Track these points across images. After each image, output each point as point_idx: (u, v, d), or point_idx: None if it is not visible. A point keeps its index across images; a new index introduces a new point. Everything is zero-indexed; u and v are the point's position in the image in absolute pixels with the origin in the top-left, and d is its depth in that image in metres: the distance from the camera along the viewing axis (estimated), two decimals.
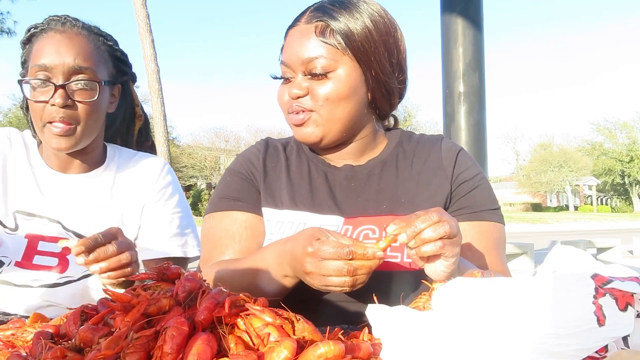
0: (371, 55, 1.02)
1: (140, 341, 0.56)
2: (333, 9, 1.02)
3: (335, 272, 0.77)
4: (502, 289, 0.56)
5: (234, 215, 1.09)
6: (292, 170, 1.13)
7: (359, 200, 1.07)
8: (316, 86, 1.01)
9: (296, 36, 1.03)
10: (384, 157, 1.13)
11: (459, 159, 1.11)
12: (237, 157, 1.21)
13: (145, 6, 19.54)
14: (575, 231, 19.80)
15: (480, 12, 3.72)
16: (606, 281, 0.52)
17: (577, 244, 8.02)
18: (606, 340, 0.52)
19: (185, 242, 1.31)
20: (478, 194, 1.08)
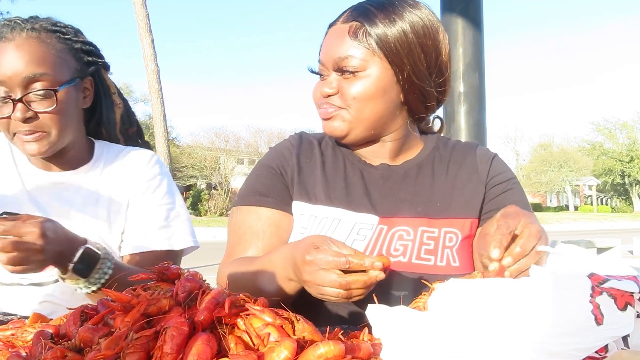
0: (404, 57, 1.02)
1: (140, 341, 0.56)
2: (371, 9, 1.02)
3: (330, 283, 0.77)
4: (500, 289, 0.56)
5: (260, 211, 1.09)
6: (327, 165, 1.13)
7: (395, 201, 1.07)
8: (346, 85, 1.03)
9: (332, 35, 1.05)
10: (420, 159, 1.14)
11: (494, 163, 1.13)
12: (269, 150, 1.20)
13: (145, 6, 19.55)
14: (575, 231, 19.79)
15: (480, 12, 3.72)
16: (602, 280, 0.52)
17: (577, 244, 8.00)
18: (606, 339, 0.52)
19: (172, 235, 1.25)
20: (510, 197, 1.09)
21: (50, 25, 1.18)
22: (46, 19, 1.21)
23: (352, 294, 0.78)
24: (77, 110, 1.21)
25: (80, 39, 1.23)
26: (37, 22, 1.17)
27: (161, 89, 20.08)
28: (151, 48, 19.85)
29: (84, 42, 1.24)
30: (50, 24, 1.18)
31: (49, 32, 1.16)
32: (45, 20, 1.20)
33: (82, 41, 1.23)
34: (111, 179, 1.26)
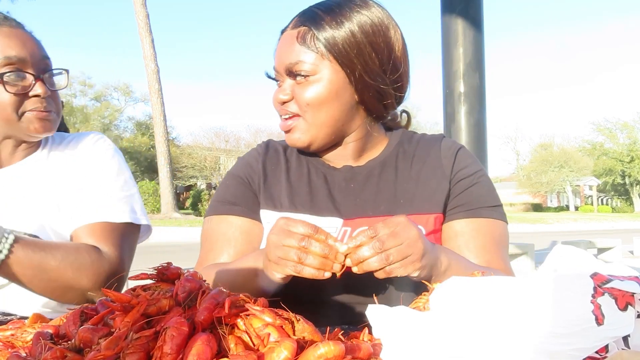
0: (354, 58, 1.01)
1: (140, 341, 0.56)
2: (318, 13, 1.03)
3: (291, 243, 0.80)
4: (501, 289, 0.56)
5: (230, 219, 1.10)
6: (291, 172, 1.14)
7: (358, 202, 1.07)
8: (299, 90, 1.03)
9: (282, 41, 1.06)
10: (384, 157, 1.13)
11: (458, 157, 1.11)
12: (237, 160, 1.22)
13: (145, 6, 19.59)
14: (575, 231, 19.80)
15: (481, 13, 3.72)
16: (605, 280, 0.52)
17: (578, 244, 8.01)
18: (606, 340, 0.52)
19: (133, 209, 1.22)
20: (476, 191, 1.08)
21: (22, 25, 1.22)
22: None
23: (306, 260, 0.79)
24: None
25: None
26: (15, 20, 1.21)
27: (161, 89, 20.11)
28: (151, 48, 19.89)
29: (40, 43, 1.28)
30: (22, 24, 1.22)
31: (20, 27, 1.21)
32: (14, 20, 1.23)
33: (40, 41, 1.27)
34: (58, 163, 1.26)
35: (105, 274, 1.07)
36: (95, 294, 1.04)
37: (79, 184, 1.22)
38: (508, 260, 1.08)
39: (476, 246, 1.04)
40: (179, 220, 18.92)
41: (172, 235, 14.14)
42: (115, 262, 1.12)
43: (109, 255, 1.12)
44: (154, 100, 20.18)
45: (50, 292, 1.05)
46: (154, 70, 19.86)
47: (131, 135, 34.71)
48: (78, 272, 1.04)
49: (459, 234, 1.05)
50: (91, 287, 1.04)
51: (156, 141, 20.75)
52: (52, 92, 1.20)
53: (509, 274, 1.04)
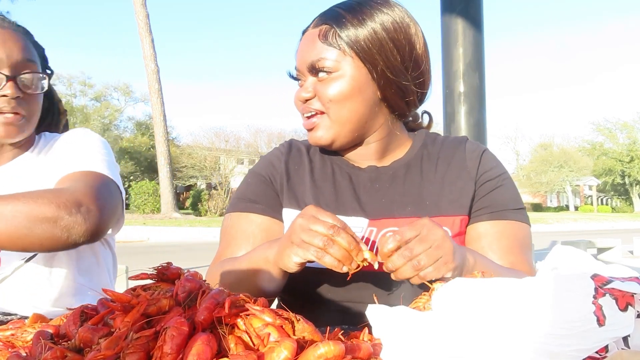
0: (376, 54, 1.02)
1: (140, 341, 0.56)
2: (339, 12, 1.03)
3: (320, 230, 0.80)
4: (502, 289, 0.56)
5: (251, 217, 1.11)
6: (315, 172, 1.14)
7: (384, 202, 1.07)
8: (321, 88, 1.04)
9: (304, 40, 1.07)
10: (408, 158, 1.13)
11: (483, 159, 1.11)
12: (260, 159, 1.22)
13: (145, 6, 19.60)
14: (575, 231, 19.79)
15: (481, 12, 3.72)
16: (606, 281, 0.52)
17: (578, 244, 8.01)
18: (606, 340, 0.52)
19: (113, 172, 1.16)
20: (500, 194, 1.08)
21: (15, 25, 1.21)
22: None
23: (330, 249, 0.79)
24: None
25: (40, 45, 1.25)
26: (6, 20, 1.20)
27: (161, 89, 20.11)
28: (151, 48, 19.89)
29: (43, 48, 1.26)
30: (14, 24, 1.21)
31: (24, 31, 1.20)
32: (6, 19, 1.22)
33: (41, 47, 1.26)
34: (48, 162, 1.25)
35: (68, 199, 0.97)
36: (68, 223, 0.95)
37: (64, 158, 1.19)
38: (532, 262, 1.08)
39: (500, 248, 1.04)
40: (179, 220, 18.92)
41: (172, 235, 14.15)
42: (81, 190, 1.01)
43: (71, 187, 1.03)
44: (154, 100, 20.19)
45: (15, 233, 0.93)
46: (154, 70, 19.86)
47: (131, 135, 34.69)
48: (35, 201, 0.94)
49: (482, 236, 1.05)
50: (56, 214, 0.94)
51: (156, 141, 20.76)
52: (27, 96, 1.16)
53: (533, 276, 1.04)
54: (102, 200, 1.03)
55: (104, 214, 1.02)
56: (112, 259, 1.36)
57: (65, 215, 0.95)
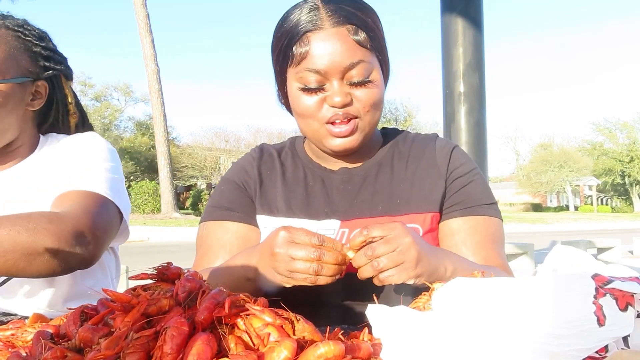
0: (383, 48, 1.03)
1: (140, 341, 0.56)
2: (348, 8, 0.99)
3: (303, 256, 0.79)
4: (502, 289, 0.56)
5: (226, 225, 1.10)
6: (287, 176, 1.13)
7: (355, 203, 1.07)
8: (359, 92, 0.99)
9: (328, 41, 0.97)
10: (380, 157, 1.13)
11: (453, 156, 1.11)
12: (232, 166, 1.20)
13: (145, 6, 19.59)
14: (575, 231, 19.79)
15: (480, 12, 3.72)
16: (606, 281, 0.52)
17: (578, 244, 8.01)
18: (606, 340, 0.52)
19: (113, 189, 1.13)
20: (472, 189, 1.08)
21: (14, 25, 1.20)
22: (14, 19, 1.23)
23: (322, 272, 0.79)
24: (19, 108, 1.20)
25: (41, 44, 1.23)
26: (3, 19, 1.19)
27: (161, 89, 20.09)
28: (151, 48, 19.88)
29: (45, 48, 1.24)
30: (15, 24, 1.20)
31: (9, 30, 1.18)
32: (11, 19, 1.22)
33: (44, 46, 1.24)
34: (52, 164, 1.24)
35: (68, 231, 0.95)
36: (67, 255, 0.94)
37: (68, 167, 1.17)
38: (505, 256, 1.08)
39: (473, 244, 1.04)
40: (179, 220, 18.91)
41: (172, 235, 14.14)
42: (80, 220, 0.99)
43: (71, 213, 1.00)
44: (154, 100, 20.18)
45: (13, 266, 0.92)
46: (154, 70, 19.85)
47: (131, 135, 34.70)
48: (34, 233, 0.92)
49: (455, 232, 1.05)
50: (56, 247, 0.93)
51: (156, 141, 20.75)
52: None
53: (506, 269, 1.04)
54: (100, 229, 1.03)
55: (101, 242, 1.03)
56: (115, 263, 1.36)
57: (66, 248, 0.94)
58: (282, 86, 1.07)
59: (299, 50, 0.98)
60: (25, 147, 1.26)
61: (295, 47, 0.99)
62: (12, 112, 1.18)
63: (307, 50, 0.98)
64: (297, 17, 1.00)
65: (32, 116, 1.26)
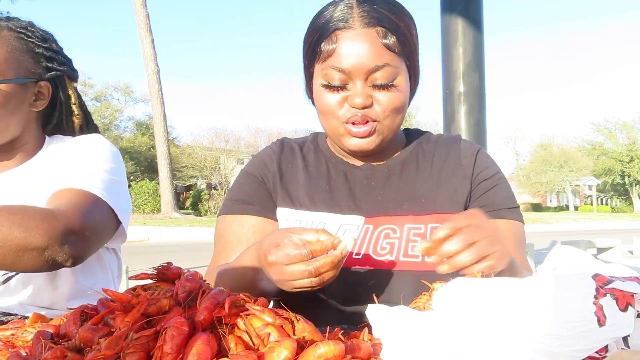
0: (414, 54, 1.03)
1: (140, 341, 0.56)
2: (382, 11, 0.99)
3: (299, 275, 0.77)
4: (502, 289, 0.56)
5: (244, 219, 1.09)
6: (309, 170, 1.13)
7: (380, 200, 1.07)
8: (382, 96, 0.99)
9: (356, 41, 0.97)
10: (404, 156, 1.13)
11: (479, 157, 1.12)
12: (251, 159, 1.20)
13: (145, 6, 19.60)
14: (575, 231, 19.79)
15: (480, 12, 3.72)
16: (607, 281, 0.52)
17: (578, 244, 8.01)
18: (606, 340, 0.52)
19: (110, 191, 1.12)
20: (497, 193, 1.08)
21: (17, 26, 1.20)
22: (19, 21, 1.23)
23: (324, 278, 0.79)
24: (22, 109, 1.21)
25: (44, 45, 1.24)
26: (7, 21, 1.20)
27: (161, 89, 20.10)
28: (151, 48, 19.89)
29: (48, 49, 1.25)
30: (18, 25, 1.21)
31: (11, 31, 1.19)
32: (15, 21, 1.22)
33: (47, 47, 1.24)
34: (54, 162, 1.25)
35: (60, 230, 0.95)
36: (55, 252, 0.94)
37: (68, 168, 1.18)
38: (527, 259, 1.08)
39: None
40: (179, 220, 18.92)
41: (172, 235, 14.15)
42: (72, 218, 0.99)
43: (63, 211, 1.00)
44: (154, 100, 20.18)
45: (1, 260, 0.92)
46: (154, 70, 19.86)
47: (131, 135, 34.71)
48: (26, 230, 0.92)
49: None
50: (46, 245, 0.93)
51: (156, 141, 20.75)
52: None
53: (531, 272, 1.04)
54: (90, 229, 1.03)
55: (90, 242, 1.03)
56: (116, 263, 1.36)
57: (55, 246, 0.94)
58: (309, 81, 1.08)
59: (327, 47, 0.99)
60: (29, 147, 1.27)
61: (324, 43, 0.99)
62: (13, 112, 1.19)
63: (335, 48, 0.98)
64: (330, 13, 1.00)
65: (35, 117, 1.27)
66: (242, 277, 0.93)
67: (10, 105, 1.17)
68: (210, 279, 1.02)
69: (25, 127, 1.24)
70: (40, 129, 1.30)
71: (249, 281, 0.92)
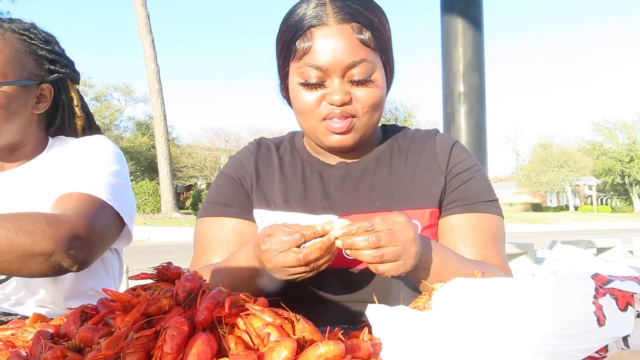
0: (388, 49, 1.02)
1: (140, 341, 0.56)
2: (355, 6, 0.98)
3: (291, 262, 0.80)
4: (502, 289, 0.56)
5: (223, 221, 1.10)
6: (285, 170, 1.12)
7: (353, 197, 1.07)
8: (360, 92, 0.99)
9: (332, 38, 0.96)
10: (378, 153, 1.13)
11: (454, 151, 1.11)
12: (229, 159, 1.20)
13: (145, 6, 19.59)
14: (575, 231, 19.79)
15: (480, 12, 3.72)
16: (606, 281, 0.52)
17: (577, 244, 8.01)
18: (606, 340, 0.52)
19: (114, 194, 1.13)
20: (472, 186, 1.07)
21: (20, 28, 1.20)
22: (21, 22, 1.23)
23: (318, 264, 0.81)
24: (24, 111, 1.21)
25: (47, 47, 1.24)
26: (10, 23, 1.20)
27: (161, 89, 20.09)
28: (151, 48, 19.87)
29: (51, 51, 1.25)
30: (21, 27, 1.21)
31: (15, 33, 1.19)
32: (18, 23, 1.22)
33: (49, 49, 1.24)
34: (57, 163, 1.25)
35: (65, 235, 0.96)
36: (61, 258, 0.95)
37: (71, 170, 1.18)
38: (504, 254, 1.07)
39: (472, 241, 1.03)
40: (179, 220, 18.91)
41: (172, 235, 14.15)
42: (77, 224, 1.00)
43: (69, 217, 1.00)
44: (154, 100, 20.17)
45: (8, 266, 0.94)
46: (154, 70, 19.85)
47: (131, 135, 34.72)
48: (32, 235, 0.93)
49: (455, 229, 1.04)
50: (52, 251, 0.94)
51: (156, 141, 20.75)
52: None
53: (504, 268, 1.04)
54: (96, 234, 1.03)
55: (95, 247, 1.03)
56: (118, 264, 1.37)
57: (61, 252, 0.95)
58: (284, 80, 1.08)
59: (302, 44, 0.98)
60: (31, 148, 1.27)
61: (299, 41, 0.98)
62: (16, 114, 1.19)
63: (310, 45, 0.97)
64: (303, 11, 1.00)
65: (38, 119, 1.27)
66: (237, 275, 0.93)
67: (13, 107, 1.17)
68: None
69: (27, 129, 1.24)
70: (43, 130, 1.30)
71: (244, 280, 0.92)
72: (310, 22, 0.98)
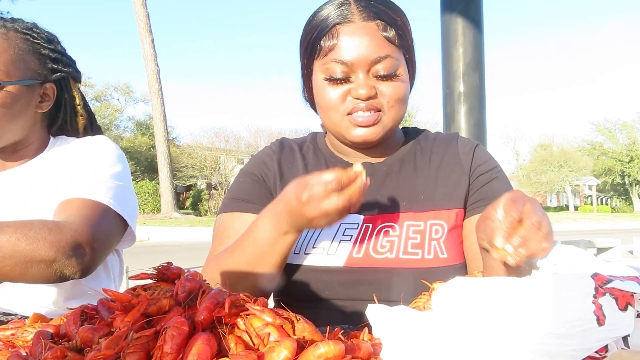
0: (411, 48, 1.05)
1: (140, 341, 0.56)
2: (379, 6, 1.02)
3: (335, 206, 0.81)
4: (502, 289, 0.56)
5: (244, 216, 1.09)
6: (309, 170, 1.13)
7: (378, 198, 1.07)
8: (385, 87, 1.01)
9: (357, 34, 0.99)
10: (402, 154, 1.14)
11: (476, 153, 1.12)
12: (251, 158, 1.21)
13: (145, 6, 19.61)
14: (575, 231, 19.78)
15: (480, 12, 3.72)
16: (606, 280, 0.52)
17: (577, 244, 8.01)
18: (606, 340, 0.52)
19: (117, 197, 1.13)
20: (496, 186, 1.08)
21: (23, 28, 1.20)
22: (23, 22, 1.23)
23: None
24: (28, 110, 1.21)
25: (50, 46, 1.24)
26: (12, 22, 1.20)
27: (161, 89, 20.10)
28: (151, 48, 19.89)
29: (54, 50, 1.25)
30: (24, 27, 1.21)
31: (18, 33, 1.19)
32: (21, 22, 1.22)
33: (52, 48, 1.24)
34: (57, 163, 1.24)
35: (67, 242, 0.96)
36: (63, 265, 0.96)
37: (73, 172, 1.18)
38: None
39: None
40: (179, 220, 18.91)
41: (172, 235, 14.15)
42: (79, 230, 1.00)
43: (71, 224, 1.00)
44: (154, 100, 20.18)
45: (10, 272, 0.94)
46: (154, 70, 19.86)
47: (131, 135, 34.72)
48: (34, 242, 0.94)
49: None
50: (53, 258, 0.94)
51: (156, 141, 20.75)
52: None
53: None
54: (98, 241, 1.03)
55: (98, 254, 1.04)
56: (119, 265, 1.37)
57: (62, 259, 0.95)
58: (307, 80, 1.09)
59: (327, 42, 1.00)
60: (33, 147, 1.27)
61: (324, 39, 1.01)
62: (20, 114, 1.19)
63: (335, 42, 0.99)
64: (327, 11, 1.02)
65: (40, 118, 1.27)
66: (259, 243, 0.93)
67: (17, 107, 1.18)
68: (211, 268, 1.01)
69: (31, 129, 1.24)
70: (45, 130, 1.30)
71: (266, 245, 0.92)
72: (335, 20, 1.00)
